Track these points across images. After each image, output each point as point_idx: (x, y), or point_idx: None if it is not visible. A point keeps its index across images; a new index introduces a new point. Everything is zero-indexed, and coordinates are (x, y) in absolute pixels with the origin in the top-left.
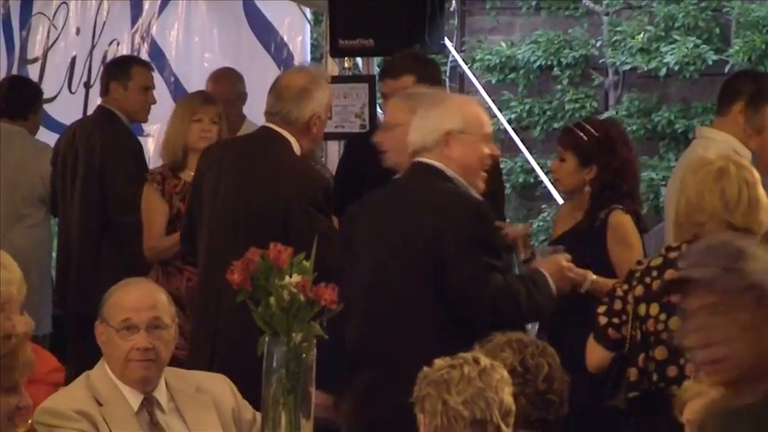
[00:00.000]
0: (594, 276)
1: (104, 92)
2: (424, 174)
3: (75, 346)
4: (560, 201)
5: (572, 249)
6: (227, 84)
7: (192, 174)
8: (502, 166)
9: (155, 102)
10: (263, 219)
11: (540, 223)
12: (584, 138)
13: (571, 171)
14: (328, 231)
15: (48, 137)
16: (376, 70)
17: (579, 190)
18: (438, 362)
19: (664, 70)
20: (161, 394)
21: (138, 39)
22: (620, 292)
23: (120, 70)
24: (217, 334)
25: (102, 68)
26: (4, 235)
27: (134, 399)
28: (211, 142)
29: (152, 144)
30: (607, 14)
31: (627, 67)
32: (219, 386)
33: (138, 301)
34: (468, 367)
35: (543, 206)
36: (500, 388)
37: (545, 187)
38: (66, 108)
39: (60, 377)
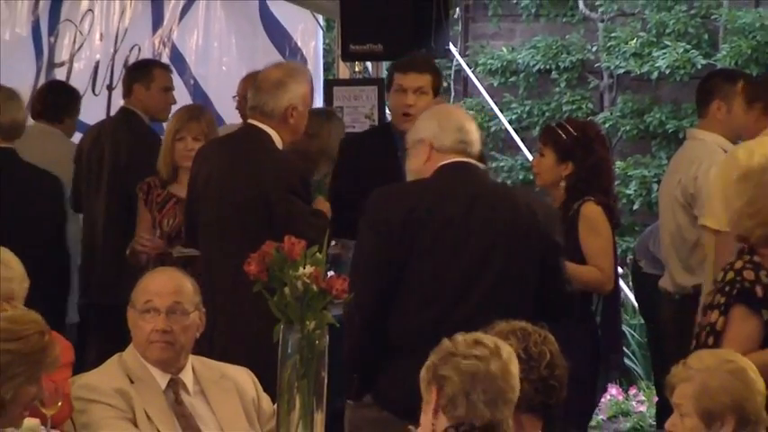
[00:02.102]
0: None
1: (127, 93)
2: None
3: (97, 334)
4: None
5: None
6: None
7: (180, 187)
8: (503, 164)
9: (175, 102)
10: (247, 211)
11: None
12: (563, 135)
13: (549, 166)
14: (309, 215)
15: (74, 136)
16: (385, 73)
17: (556, 185)
18: (461, 341)
19: (656, 74)
20: (187, 377)
21: (158, 44)
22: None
23: (142, 73)
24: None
25: (123, 72)
26: None
27: (161, 378)
28: None
29: None
30: (602, 21)
31: (621, 71)
32: (242, 377)
33: (162, 286)
34: (494, 363)
35: None
36: (516, 384)
37: None
38: (91, 109)
39: (70, 355)
